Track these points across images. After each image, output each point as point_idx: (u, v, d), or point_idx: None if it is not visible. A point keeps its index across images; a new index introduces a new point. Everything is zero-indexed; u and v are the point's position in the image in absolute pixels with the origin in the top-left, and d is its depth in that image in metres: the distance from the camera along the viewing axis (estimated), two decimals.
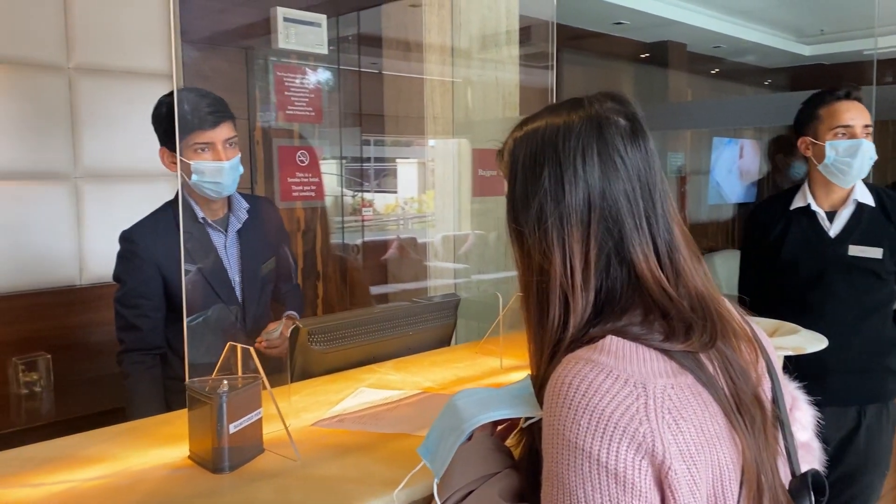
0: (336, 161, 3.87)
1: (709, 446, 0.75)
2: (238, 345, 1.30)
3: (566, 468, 0.73)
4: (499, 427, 0.97)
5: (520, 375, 1.03)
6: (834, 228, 2.12)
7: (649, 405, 0.72)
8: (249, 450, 1.28)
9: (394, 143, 4.39)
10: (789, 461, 0.87)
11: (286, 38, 3.16)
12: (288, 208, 3.56)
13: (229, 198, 2.00)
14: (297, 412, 1.51)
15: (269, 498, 1.15)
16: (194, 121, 1.82)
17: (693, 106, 6.03)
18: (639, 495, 0.71)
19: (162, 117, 1.89)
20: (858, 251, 2.07)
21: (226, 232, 1.99)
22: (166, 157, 1.91)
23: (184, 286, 1.60)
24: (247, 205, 2.03)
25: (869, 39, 4.70)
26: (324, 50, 3.34)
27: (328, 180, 3.78)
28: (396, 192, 4.86)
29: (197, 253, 1.93)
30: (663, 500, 0.72)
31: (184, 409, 1.30)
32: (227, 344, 1.30)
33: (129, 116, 2.89)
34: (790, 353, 1.54)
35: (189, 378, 1.31)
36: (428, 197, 4.42)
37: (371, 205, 4.23)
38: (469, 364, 1.89)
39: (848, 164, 2.05)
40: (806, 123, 2.14)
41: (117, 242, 1.93)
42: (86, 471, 1.24)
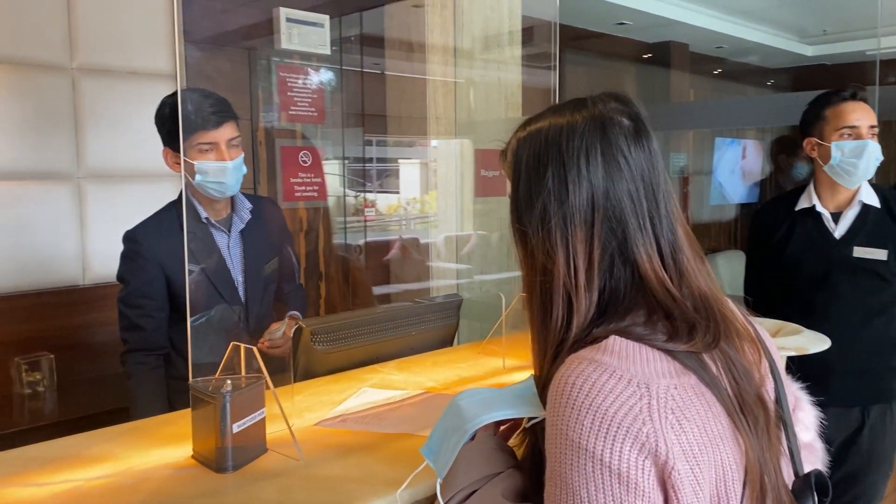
0: (338, 161, 3.88)
1: (712, 446, 0.75)
2: (241, 345, 1.30)
3: (569, 468, 0.73)
4: (502, 427, 0.97)
5: (522, 375, 1.03)
6: (839, 230, 2.12)
7: (652, 405, 0.72)
8: (253, 449, 1.28)
9: (396, 144, 4.39)
10: (792, 462, 0.87)
11: (289, 39, 3.16)
12: (291, 208, 3.57)
13: (232, 198, 2.00)
14: (300, 412, 1.51)
15: (273, 498, 1.15)
16: (198, 121, 1.82)
17: (695, 106, 6.02)
18: (642, 495, 0.71)
19: (165, 117, 1.89)
20: (863, 252, 2.07)
21: (229, 232, 1.99)
22: (169, 158, 1.92)
23: (187, 286, 1.61)
24: (250, 205, 2.04)
25: (872, 40, 4.70)
26: (326, 50, 3.34)
27: (331, 181, 3.78)
28: (399, 193, 4.85)
29: (200, 253, 1.93)
30: (666, 501, 0.72)
31: (187, 409, 1.31)
32: (231, 344, 1.30)
33: (133, 117, 2.90)
34: (793, 354, 1.54)
35: (192, 378, 1.31)
36: (430, 197, 4.42)
37: (373, 205, 4.23)
38: (472, 364, 1.89)
39: (854, 165, 2.05)
40: (811, 124, 2.14)
41: (120, 242, 1.94)
42: (89, 470, 1.25)
